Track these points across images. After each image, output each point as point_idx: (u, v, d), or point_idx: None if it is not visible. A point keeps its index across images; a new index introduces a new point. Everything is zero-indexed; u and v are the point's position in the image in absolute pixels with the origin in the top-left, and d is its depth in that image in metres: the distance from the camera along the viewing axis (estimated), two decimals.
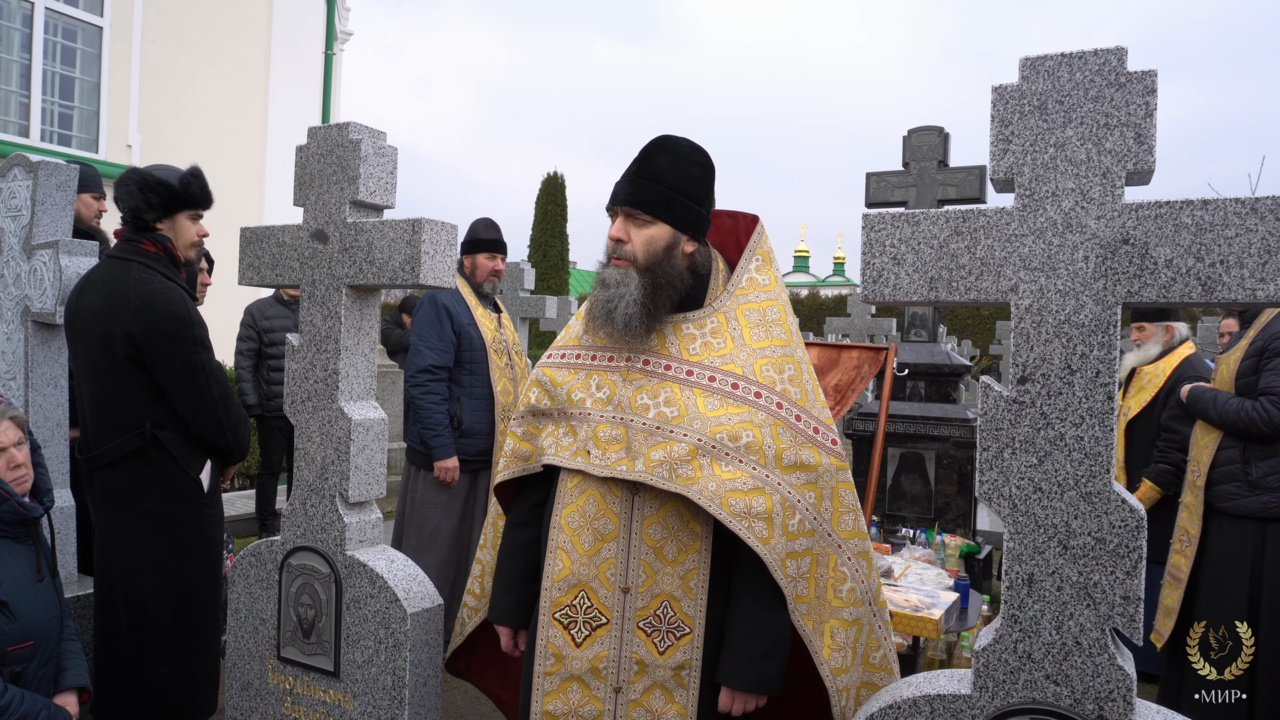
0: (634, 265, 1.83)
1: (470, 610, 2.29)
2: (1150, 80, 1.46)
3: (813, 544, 1.79)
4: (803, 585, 1.77)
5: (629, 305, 1.80)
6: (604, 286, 1.85)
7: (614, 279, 1.83)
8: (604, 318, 1.84)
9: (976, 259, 1.59)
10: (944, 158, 5.52)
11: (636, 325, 1.82)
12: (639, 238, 1.84)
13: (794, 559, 1.76)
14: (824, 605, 1.82)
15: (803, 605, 1.78)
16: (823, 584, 1.81)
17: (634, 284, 1.82)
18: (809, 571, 1.78)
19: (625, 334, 1.84)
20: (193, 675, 2.58)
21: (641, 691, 1.80)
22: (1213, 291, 1.43)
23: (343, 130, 2.30)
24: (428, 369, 3.71)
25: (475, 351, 3.81)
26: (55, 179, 3.12)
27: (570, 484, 1.85)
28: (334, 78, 11.66)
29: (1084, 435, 1.51)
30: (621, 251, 1.85)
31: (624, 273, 1.83)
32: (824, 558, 1.81)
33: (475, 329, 3.82)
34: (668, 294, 1.85)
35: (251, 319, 5.82)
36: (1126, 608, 1.49)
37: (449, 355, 3.75)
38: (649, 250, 1.84)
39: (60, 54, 8.83)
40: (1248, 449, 3.23)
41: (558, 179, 22.38)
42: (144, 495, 2.52)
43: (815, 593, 1.80)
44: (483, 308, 3.93)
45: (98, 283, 2.56)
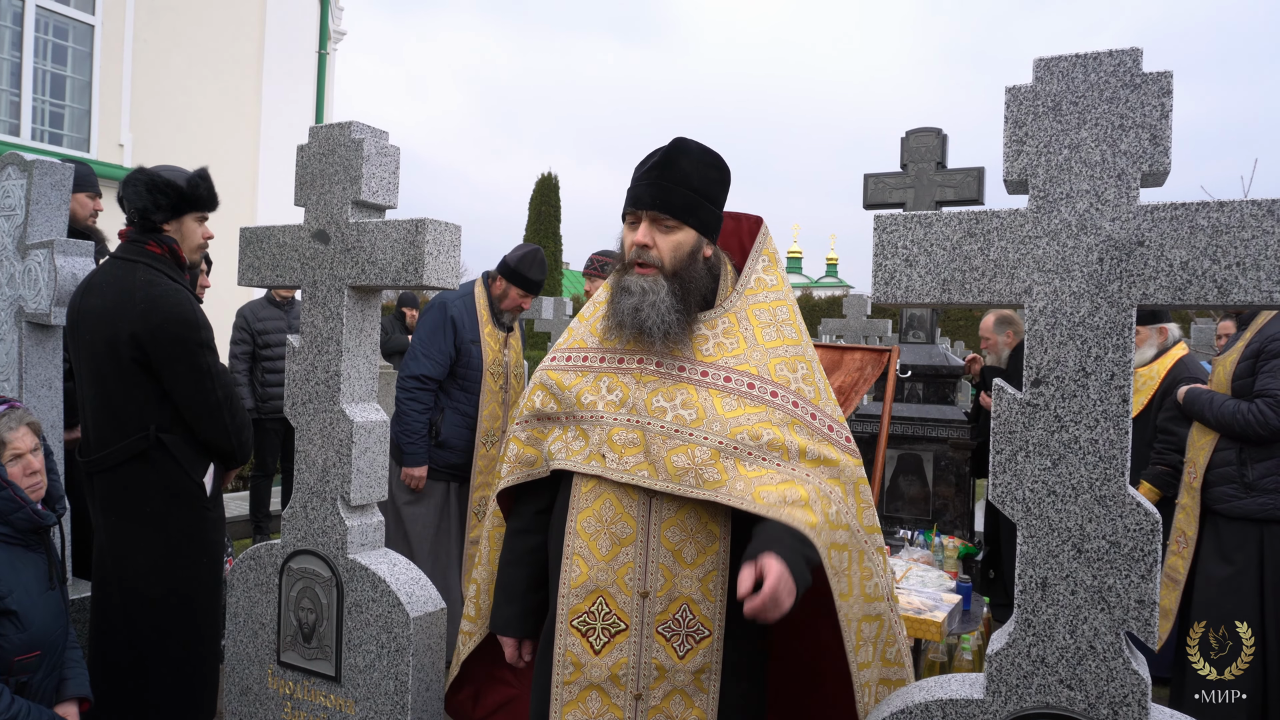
0: (661, 271, 1.79)
1: (465, 635, 2.17)
2: (1166, 81, 1.45)
3: (849, 539, 1.75)
4: (843, 582, 1.73)
5: (666, 313, 1.76)
6: (628, 294, 1.79)
7: (640, 286, 1.78)
8: (634, 326, 1.79)
9: (990, 261, 1.58)
10: (942, 159, 5.53)
11: (676, 332, 1.78)
12: (666, 243, 1.80)
13: (837, 551, 1.71)
14: (859, 603, 1.79)
15: (844, 604, 1.73)
16: (856, 580, 1.78)
17: (664, 290, 1.77)
18: (847, 568, 1.74)
19: (664, 341, 1.80)
20: (192, 680, 2.55)
21: (662, 697, 1.77)
22: (1229, 294, 1.42)
23: (345, 130, 2.28)
24: (419, 377, 3.70)
25: (472, 370, 3.79)
26: (50, 178, 3.09)
27: (585, 488, 1.81)
28: (328, 77, 11.61)
29: (1098, 438, 1.50)
30: (647, 257, 1.80)
31: (653, 280, 1.78)
32: (855, 553, 1.78)
33: (478, 346, 3.79)
34: (694, 299, 1.82)
35: (245, 321, 5.78)
36: (1141, 611, 1.48)
37: (443, 369, 3.73)
38: (676, 255, 1.80)
39: (51, 52, 8.76)
40: (1244, 451, 3.24)
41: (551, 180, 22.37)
42: (146, 498, 2.49)
43: (852, 590, 1.76)
44: (492, 325, 3.88)
45: (102, 284, 2.53)
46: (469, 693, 2.26)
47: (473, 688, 2.26)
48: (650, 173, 1.82)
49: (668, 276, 1.79)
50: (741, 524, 1.77)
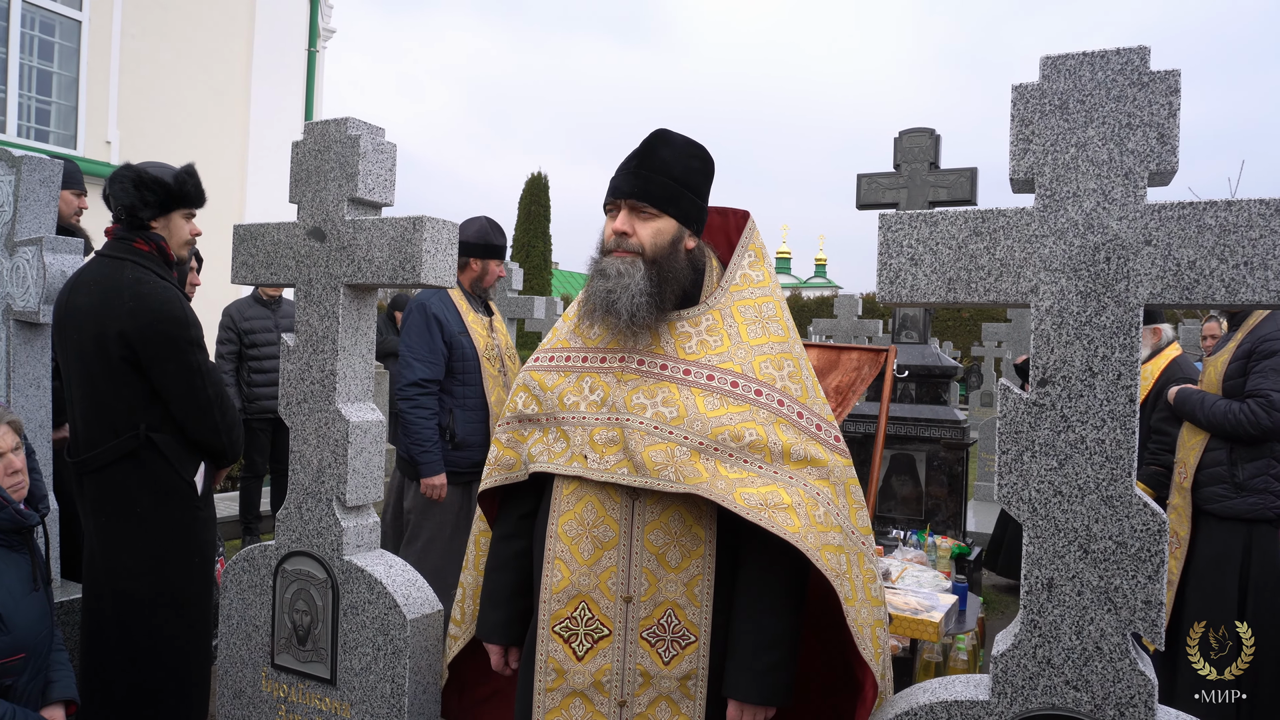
0: (640, 257, 1.76)
1: (452, 639, 2.17)
2: (1174, 80, 1.45)
3: (844, 540, 1.72)
4: (847, 585, 1.69)
5: (636, 295, 1.72)
6: (604, 277, 1.76)
7: (616, 269, 1.75)
8: (605, 309, 1.75)
9: (996, 260, 1.57)
10: (935, 160, 5.53)
11: (644, 317, 1.74)
12: (645, 230, 1.77)
13: (833, 552, 1.67)
14: (866, 607, 1.75)
15: (850, 609, 1.70)
16: (859, 584, 1.75)
17: (640, 274, 1.74)
18: (847, 570, 1.71)
19: (631, 326, 1.75)
20: (184, 683, 2.51)
21: (647, 704, 1.73)
22: (1236, 294, 1.42)
23: (341, 126, 2.25)
24: (417, 383, 3.60)
25: (467, 361, 3.71)
26: (39, 174, 3.04)
27: (566, 491, 1.77)
28: (318, 75, 11.54)
29: (1105, 438, 1.50)
30: (626, 244, 1.77)
31: (629, 263, 1.75)
32: (854, 555, 1.75)
33: (467, 336, 3.72)
34: (673, 288, 1.78)
35: (231, 320, 5.71)
36: (1148, 612, 1.47)
37: (439, 368, 3.65)
38: (656, 243, 1.77)
39: (38, 48, 8.67)
40: (1234, 451, 3.25)
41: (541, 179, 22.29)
42: (137, 498, 2.45)
43: (856, 594, 1.72)
44: (475, 312, 3.82)
45: (90, 282, 2.49)
46: (454, 686, 2.27)
47: (458, 682, 2.26)
48: (630, 162, 1.79)
49: (646, 261, 1.76)
50: (728, 528, 1.73)
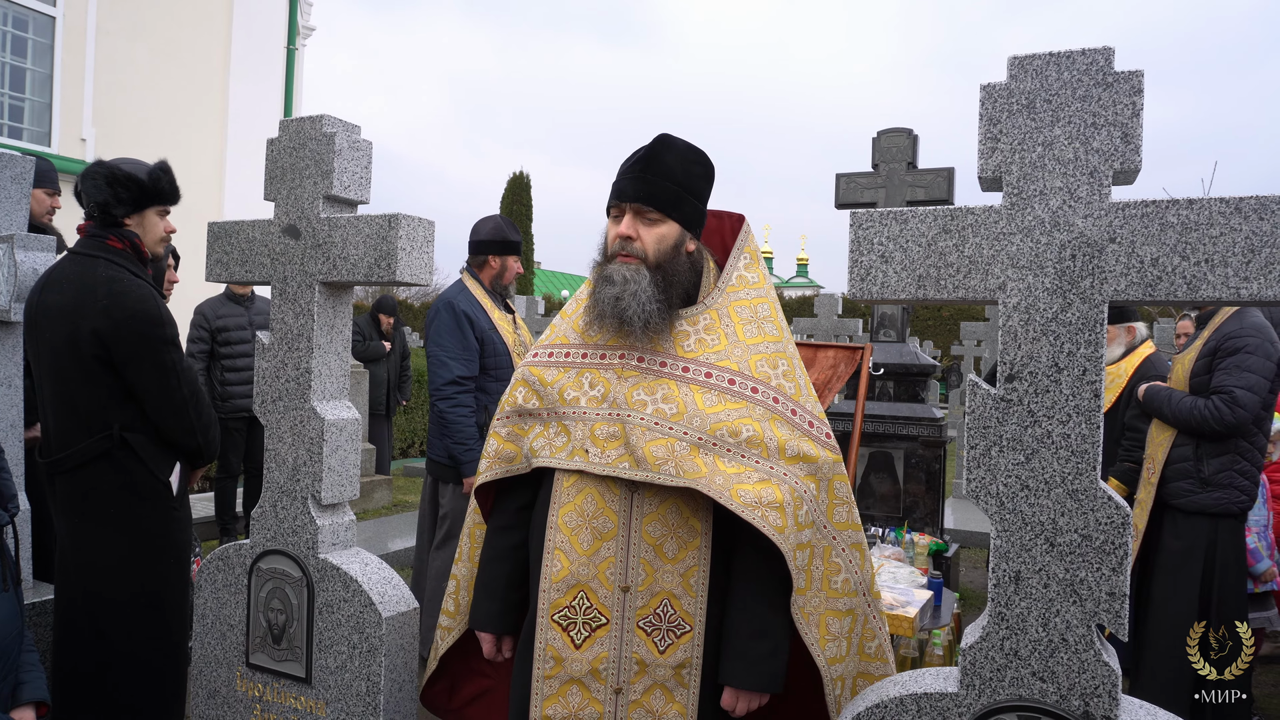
0: (644, 263, 1.81)
1: (444, 630, 2.17)
2: (1137, 80, 1.47)
3: (813, 536, 1.79)
4: (801, 578, 1.76)
5: (647, 302, 1.78)
6: (610, 284, 1.81)
7: (623, 276, 1.80)
8: (616, 317, 1.80)
9: (965, 257, 1.59)
10: (913, 159, 5.57)
11: (656, 322, 1.80)
12: (649, 235, 1.83)
13: (801, 550, 1.75)
14: (819, 596, 1.82)
15: (800, 597, 1.77)
16: (818, 575, 1.81)
17: (646, 280, 1.79)
18: (807, 564, 1.78)
19: (644, 331, 1.81)
20: (159, 684, 2.49)
21: (642, 692, 1.78)
22: (1198, 290, 1.44)
23: (316, 123, 2.24)
24: (455, 380, 3.57)
25: (500, 357, 3.70)
26: (10, 170, 3.01)
27: (567, 483, 1.82)
28: (296, 73, 11.46)
29: (1071, 433, 1.52)
30: (630, 249, 1.82)
31: (635, 269, 1.80)
32: (820, 549, 1.81)
33: (496, 333, 3.71)
34: (677, 291, 1.85)
35: (203, 319, 5.65)
36: (1112, 604, 1.50)
37: (474, 364, 3.63)
38: (659, 248, 1.83)
39: (11, 44, 8.55)
40: (1200, 447, 3.31)
41: (524, 179, 22.27)
42: (110, 499, 2.42)
43: (811, 585, 1.80)
44: (498, 310, 3.81)
45: (62, 280, 2.46)
46: (444, 685, 2.26)
47: (448, 680, 2.26)
48: (635, 166, 1.84)
49: (650, 268, 1.82)
50: (723, 520, 1.78)
